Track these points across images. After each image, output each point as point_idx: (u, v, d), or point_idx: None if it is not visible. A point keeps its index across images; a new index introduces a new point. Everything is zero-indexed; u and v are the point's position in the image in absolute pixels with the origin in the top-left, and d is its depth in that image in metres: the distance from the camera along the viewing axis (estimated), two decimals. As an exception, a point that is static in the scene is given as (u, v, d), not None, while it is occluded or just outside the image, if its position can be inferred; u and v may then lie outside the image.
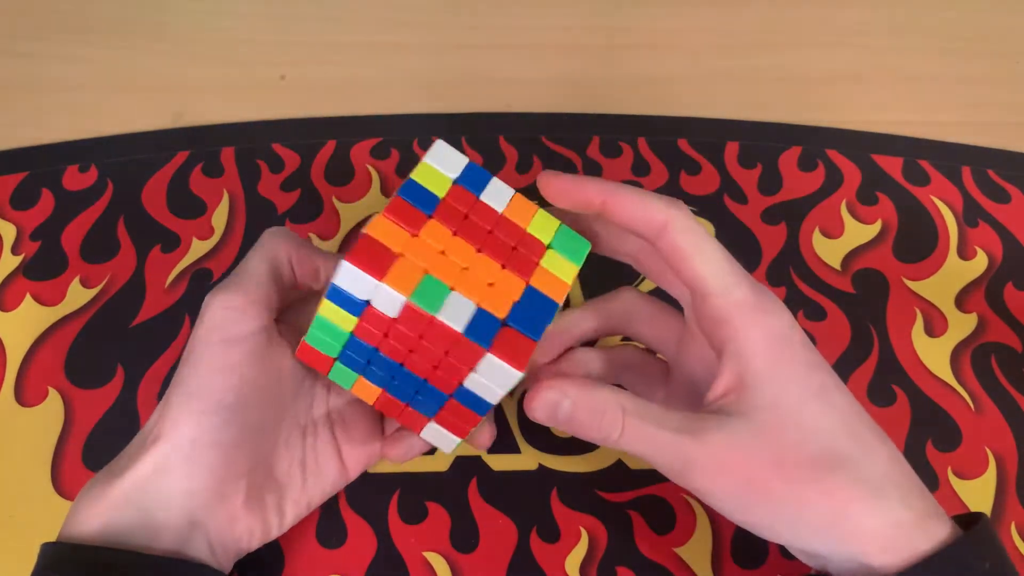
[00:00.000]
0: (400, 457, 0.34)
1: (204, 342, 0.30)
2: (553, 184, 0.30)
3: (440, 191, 0.28)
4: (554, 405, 0.29)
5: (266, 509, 0.31)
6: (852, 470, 0.27)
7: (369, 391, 0.31)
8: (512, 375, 0.27)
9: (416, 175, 0.28)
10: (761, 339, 0.28)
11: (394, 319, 0.27)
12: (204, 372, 0.29)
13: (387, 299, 0.27)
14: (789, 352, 0.28)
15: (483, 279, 0.28)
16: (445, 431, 0.32)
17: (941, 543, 0.26)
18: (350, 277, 0.26)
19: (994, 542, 0.28)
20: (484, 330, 0.27)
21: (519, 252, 0.29)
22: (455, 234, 0.28)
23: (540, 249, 0.29)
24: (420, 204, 0.28)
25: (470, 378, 0.28)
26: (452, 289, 0.27)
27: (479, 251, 0.28)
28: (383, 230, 0.27)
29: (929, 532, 0.27)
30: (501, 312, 0.27)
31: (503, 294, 0.28)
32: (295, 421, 0.33)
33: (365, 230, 0.27)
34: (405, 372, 0.29)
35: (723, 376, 0.28)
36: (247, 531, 0.31)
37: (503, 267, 0.28)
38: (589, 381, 0.29)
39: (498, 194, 0.29)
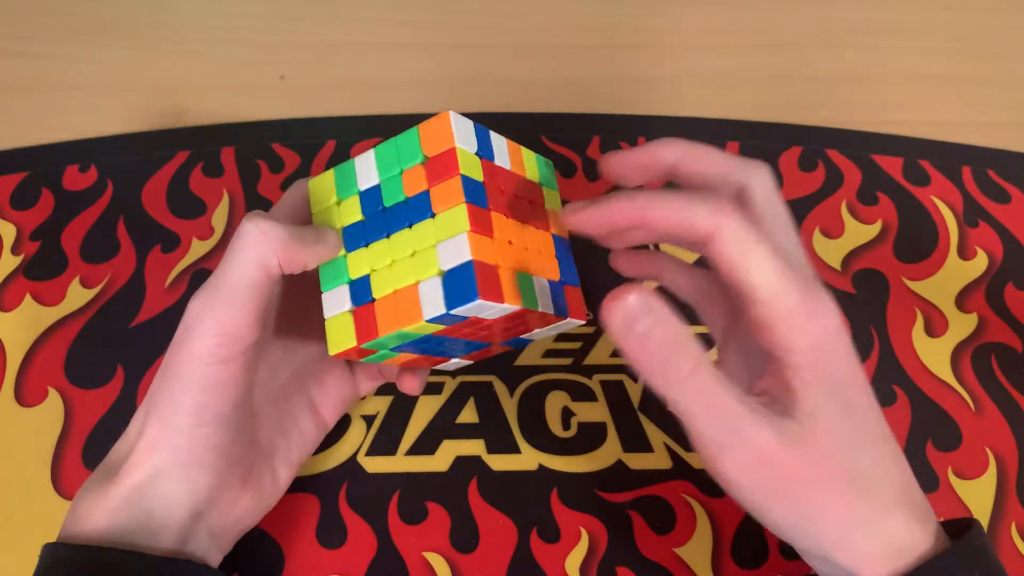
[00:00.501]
0: (416, 389, 0.35)
1: (196, 362, 0.28)
2: (580, 217, 0.29)
3: (478, 174, 0.29)
4: (634, 316, 0.26)
5: (261, 480, 0.32)
6: (869, 490, 0.27)
7: (403, 359, 0.32)
8: (576, 323, 0.31)
9: (462, 167, 0.28)
10: (803, 347, 0.27)
11: (493, 320, 0.28)
12: (197, 391, 0.28)
13: (498, 310, 0.27)
14: (830, 362, 0.27)
15: (534, 250, 0.29)
16: (465, 362, 0.34)
17: (925, 555, 0.27)
18: (475, 308, 0.27)
19: (984, 552, 0.28)
20: (559, 301, 0.29)
21: (535, 206, 0.31)
22: (508, 217, 0.29)
23: (539, 192, 0.31)
24: (477, 201, 0.28)
25: (530, 333, 0.31)
26: (533, 276, 0.29)
27: (523, 223, 0.29)
28: (479, 248, 0.27)
29: (919, 550, 0.27)
30: (556, 275, 0.30)
31: (547, 256, 0.30)
32: (266, 388, 0.33)
33: (474, 257, 0.26)
34: (456, 340, 0.30)
35: (769, 377, 0.28)
36: (247, 509, 0.31)
37: (537, 228, 0.30)
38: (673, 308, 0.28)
39: (501, 150, 0.30)
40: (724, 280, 0.27)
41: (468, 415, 0.38)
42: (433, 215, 0.28)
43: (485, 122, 0.31)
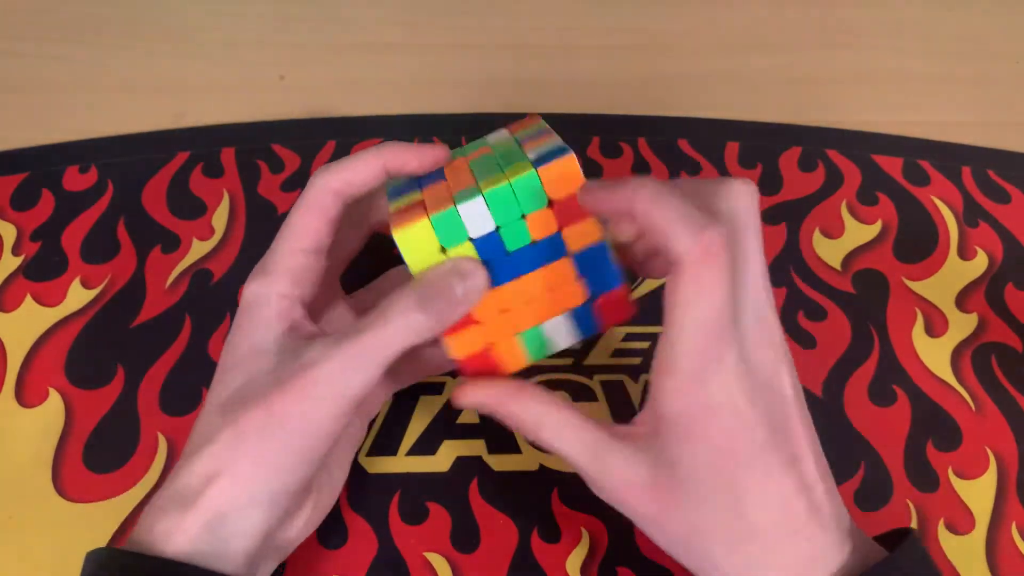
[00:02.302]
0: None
1: (290, 447, 0.29)
2: (588, 192, 0.28)
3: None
4: (477, 406, 0.31)
5: (320, 489, 0.32)
6: (753, 520, 0.27)
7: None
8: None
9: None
10: (677, 408, 0.27)
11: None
12: (284, 465, 0.29)
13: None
14: (702, 429, 0.27)
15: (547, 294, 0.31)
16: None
17: (855, 566, 0.27)
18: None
19: (925, 561, 0.28)
20: (585, 323, 0.32)
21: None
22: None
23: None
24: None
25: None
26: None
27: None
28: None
29: (848, 557, 0.27)
30: (579, 299, 0.31)
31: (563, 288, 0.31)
32: None
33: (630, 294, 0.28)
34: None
35: (642, 414, 0.29)
36: (310, 520, 0.31)
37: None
38: (515, 384, 0.30)
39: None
40: (664, 303, 0.27)
41: (469, 415, 0.38)
42: (568, 254, 0.29)
43: (485, 122, 0.31)
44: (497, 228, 0.29)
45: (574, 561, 0.34)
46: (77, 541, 0.34)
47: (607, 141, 0.49)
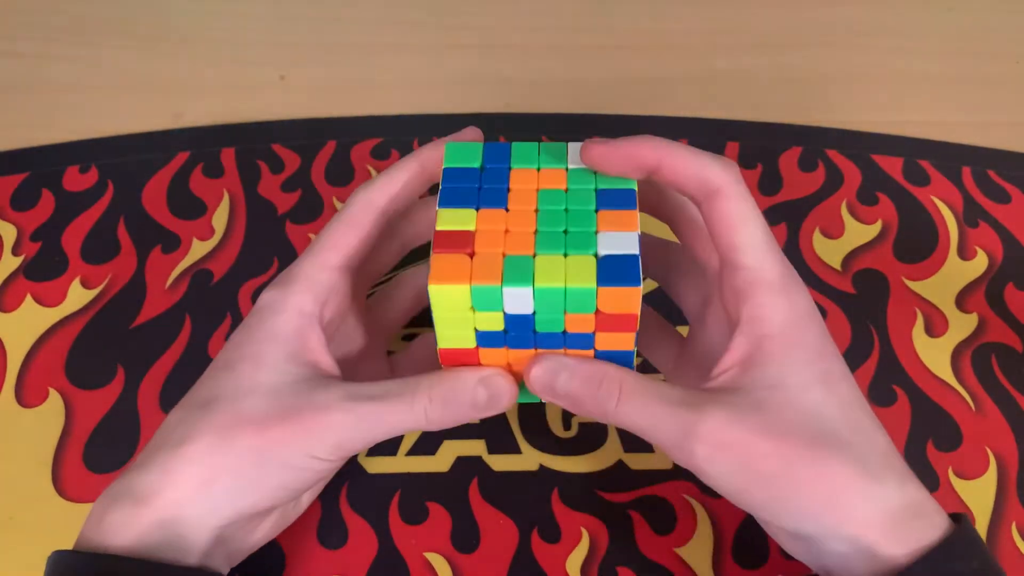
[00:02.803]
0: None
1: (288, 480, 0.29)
2: (598, 150, 0.28)
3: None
4: (552, 375, 0.28)
5: (285, 514, 0.32)
6: (849, 455, 0.27)
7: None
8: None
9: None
10: (779, 319, 0.27)
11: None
12: (261, 489, 0.29)
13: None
14: (803, 336, 0.28)
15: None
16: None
17: (945, 532, 0.26)
18: None
19: (980, 541, 0.28)
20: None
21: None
22: None
23: None
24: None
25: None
26: None
27: None
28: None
29: (929, 521, 0.27)
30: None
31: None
32: None
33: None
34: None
35: (734, 350, 0.28)
36: (267, 533, 0.31)
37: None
38: (588, 355, 0.29)
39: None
40: (714, 238, 0.28)
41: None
42: (593, 349, 0.28)
43: (485, 122, 0.30)
44: (534, 313, 0.27)
45: (574, 561, 0.34)
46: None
47: (607, 141, 0.49)
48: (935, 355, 0.41)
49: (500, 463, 0.37)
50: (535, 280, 0.26)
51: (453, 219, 0.27)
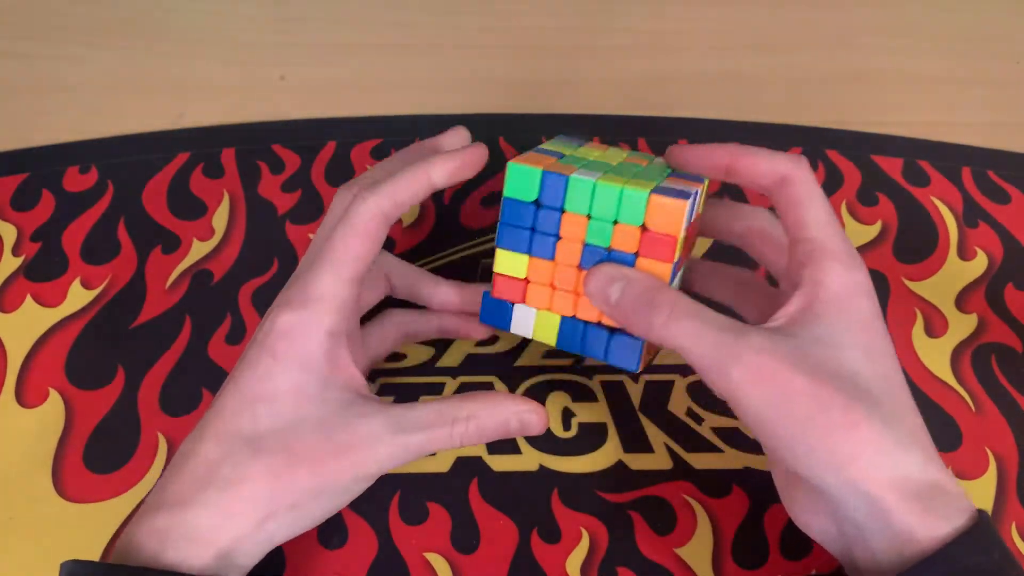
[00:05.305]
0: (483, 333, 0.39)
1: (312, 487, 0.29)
2: (683, 154, 0.32)
3: (679, 253, 0.31)
4: (608, 281, 0.30)
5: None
6: (881, 416, 0.27)
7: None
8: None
9: (675, 253, 0.31)
10: (835, 287, 0.29)
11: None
12: (305, 519, 0.30)
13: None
14: (856, 306, 0.29)
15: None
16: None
17: (972, 517, 0.27)
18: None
19: (998, 534, 0.28)
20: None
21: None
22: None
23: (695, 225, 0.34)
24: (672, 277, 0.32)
25: None
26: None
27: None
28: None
29: (955, 504, 0.27)
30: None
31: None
32: None
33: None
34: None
35: (789, 304, 0.29)
36: (288, 534, 0.31)
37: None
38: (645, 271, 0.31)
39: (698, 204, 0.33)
40: (783, 219, 0.31)
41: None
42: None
43: (485, 122, 0.31)
44: (588, 216, 0.31)
45: (574, 561, 0.34)
46: (77, 541, 0.34)
47: (607, 141, 0.49)
48: (935, 355, 0.41)
49: (500, 463, 0.37)
50: (597, 183, 0.30)
51: (510, 263, 0.33)
